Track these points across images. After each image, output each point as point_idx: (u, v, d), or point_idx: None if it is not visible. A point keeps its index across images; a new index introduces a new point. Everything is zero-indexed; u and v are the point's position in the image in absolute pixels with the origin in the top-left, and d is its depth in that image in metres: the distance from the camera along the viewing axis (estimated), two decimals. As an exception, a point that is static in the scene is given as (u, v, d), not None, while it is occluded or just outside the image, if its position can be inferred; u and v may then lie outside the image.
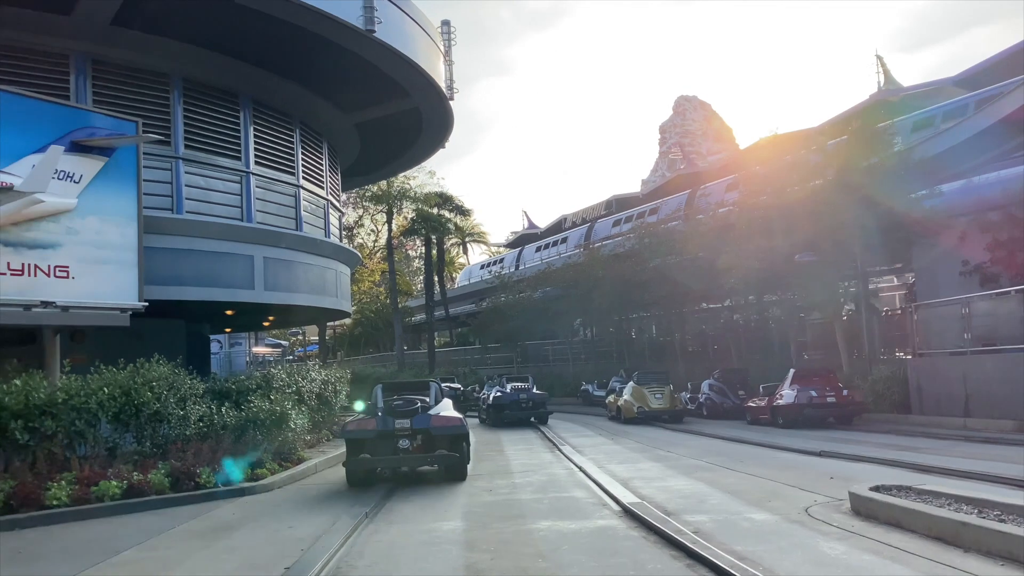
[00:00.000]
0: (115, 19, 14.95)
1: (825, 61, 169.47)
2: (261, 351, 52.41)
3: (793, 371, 20.27)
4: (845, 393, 18.98)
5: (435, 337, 48.07)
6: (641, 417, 22.63)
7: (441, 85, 20.49)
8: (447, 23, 21.99)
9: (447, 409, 12.74)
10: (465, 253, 79.46)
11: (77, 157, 13.08)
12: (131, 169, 13.95)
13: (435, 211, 45.80)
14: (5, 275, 12.08)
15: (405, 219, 48.55)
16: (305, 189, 19.98)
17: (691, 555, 6.30)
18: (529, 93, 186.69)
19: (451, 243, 67.32)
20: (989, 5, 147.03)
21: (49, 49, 15.13)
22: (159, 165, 16.23)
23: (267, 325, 25.00)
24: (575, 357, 38.29)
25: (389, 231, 46.31)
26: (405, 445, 11.49)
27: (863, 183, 20.63)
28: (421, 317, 56.85)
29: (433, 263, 46.67)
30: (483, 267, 60.02)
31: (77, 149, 13.07)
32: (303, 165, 20.02)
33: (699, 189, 35.61)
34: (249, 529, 8.68)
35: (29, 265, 12.40)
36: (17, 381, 11.35)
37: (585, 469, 12.37)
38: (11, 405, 10.97)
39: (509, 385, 26.12)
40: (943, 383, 17.96)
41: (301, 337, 59.33)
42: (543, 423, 24.63)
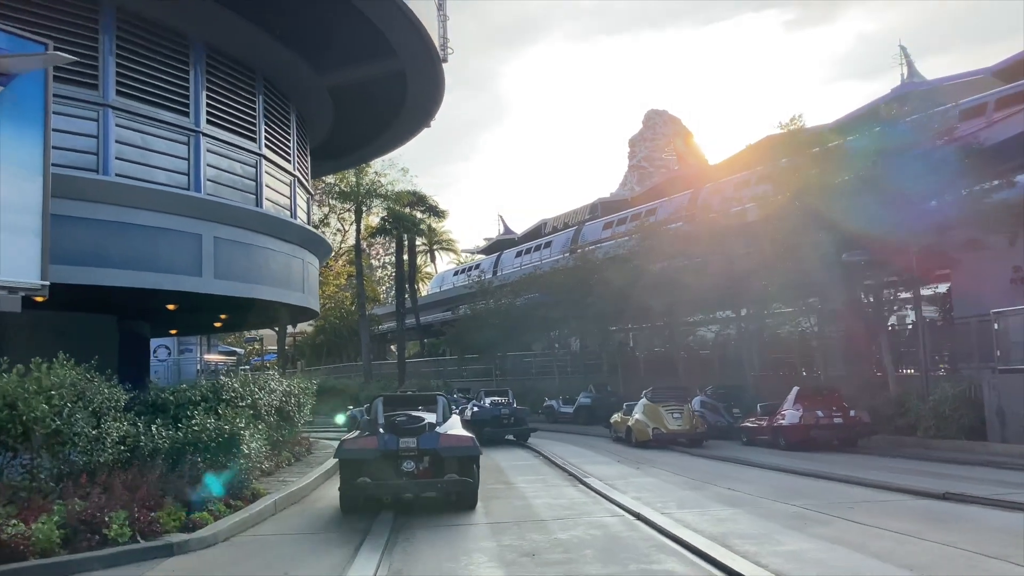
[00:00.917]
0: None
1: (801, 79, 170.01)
2: (214, 359, 48.26)
3: (796, 390, 19.04)
4: (852, 414, 17.90)
5: (405, 347, 44.45)
6: (657, 440, 19.52)
7: (434, 40, 17.25)
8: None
9: (456, 427, 11.28)
10: (433, 261, 76.36)
11: (-48, 80, 9.61)
12: (37, 107, 10.44)
13: (408, 211, 42.45)
14: None
15: (375, 220, 45.09)
16: (268, 160, 16.57)
17: None
18: (497, 106, 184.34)
19: (419, 249, 64.10)
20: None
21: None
22: (82, 113, 12.72)
23: (219, 326, 21.39)
24: (561, 370, 35.08)
25: (358, 231, 42.74)
26: (410, 468, 10.17)
27: (916, 172, 17.85)
28: (389, 326, 53.33)
29: (404, 267, 43.22)
30: (457, 273, 56.77)
31: (-48, 69, 9.59)
32: (267, 131, 16.61)
33: (703, 188, 32.82)
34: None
35: None
36: None
37: (649, 519, 9.12)
38: None
39: (488, 399, 23.38)
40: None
41: (258, 345, 55.26)
42: (524, 440, 22.02)
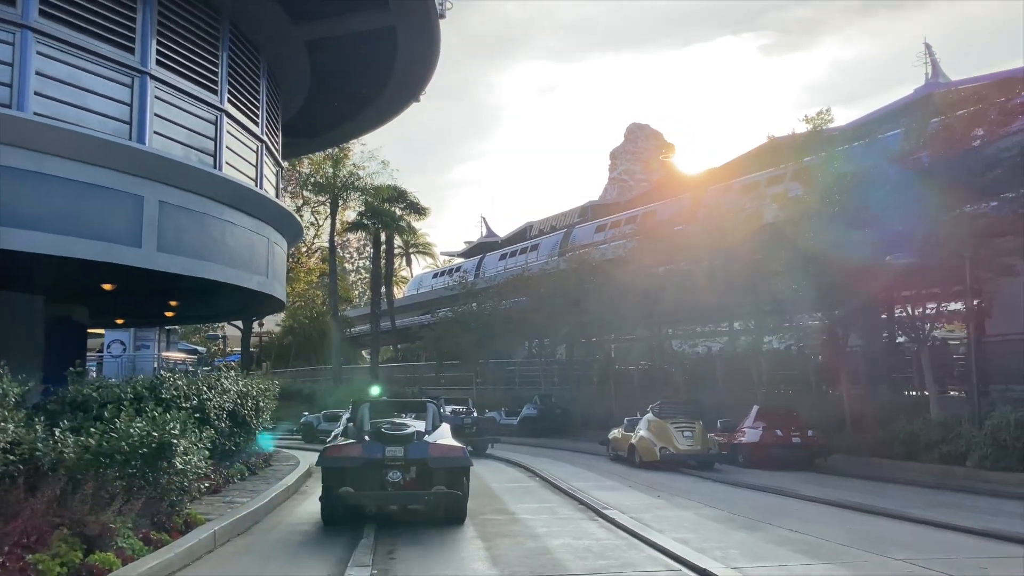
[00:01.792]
0: None
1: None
2: (175, 356, 45.12)
3: (757, 408, 19.12)
4: (810, 434, 18.14)
5: (378, 351, 41.76)
6: (665, 461, 17.52)
7: (433, -10, 14.87)
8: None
9: (446, 436, 10.70)
10: (409, 265, 73.92)
11: None
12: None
13: (387, 206, 39.88)
14: None
15: (351, 216, 42.50)
16: (231, 119, 14.00)
17: None
18: (477, 117, 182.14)
19: (395, 252, 61.54)
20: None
21: None
22: (-8, 33, 10.16)
23: (172, 316, 18.68)
24: (547, 380, 32.62)
25: (332, 225, 40.12)
26: (396, 478, 9.67)
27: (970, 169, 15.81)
28: (362, 328, 50.63)
29: (381, 265, 40.62)
30: (437, 276, 54.21)
31: None
32: (231, 84, 14.05)
33: (706, 190, 30.66)
34: None
35: None
36: None
37: (723, 577, 6.73)
38: None
39: (449, 408, 21.72)
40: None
41: (220, 344, 52.17)
42: (482, 452, 20.48)
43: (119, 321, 21.27)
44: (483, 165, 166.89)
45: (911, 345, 22.18)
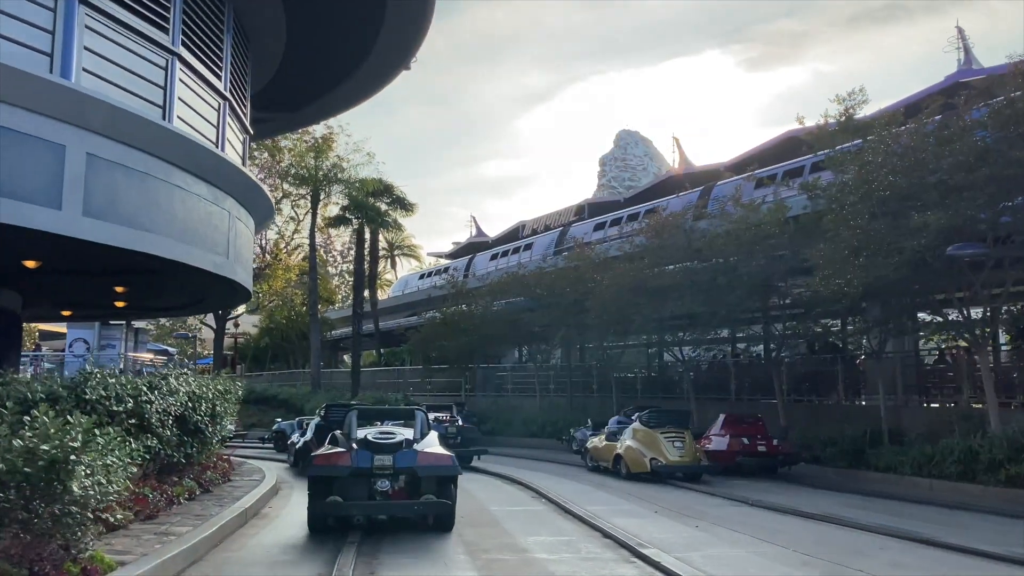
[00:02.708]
0: None
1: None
2: (143, 357, 42.47)
3: (723, 416, 18.91)
4: (775, 443, 18.07)
5: (360, 355, 39.31)
6: (656, 473, 16.60)
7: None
8: None
9: (434, 444, 10.46)
10: (394, 268, 71.62)
11: None
12: None
13: (372, 201, 37.50)
14: None
15: (335, 211, 40.10)
16: (186, 65, 11.69)
17: None
18: (465, 122, 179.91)
19: (380, 254, 59.18)
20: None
21: None
22: None
23: (123, 306, 16.23)
24: (543, 387, 30.30)
25: (313, 220, 37.69)
26: (384, 487, 9.52)
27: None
28: (343, 331, 48.19)
29: (365, 263, 38.22)
30: (423, 276, 51.82)
31: None
32: (187, 24, 11.73)
33: (715, 185, 28.59)
34: None
35: None
36: None
37: None
38: None
39: (432, 415, 18.91)
40: None
41: (192, 344, 49.47)
42: (467, 463, 18.18)
43: (65, 313, 18.78)
44: (471, 172, 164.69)
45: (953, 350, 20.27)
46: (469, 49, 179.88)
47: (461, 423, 19.88)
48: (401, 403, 29.19)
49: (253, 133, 16.84)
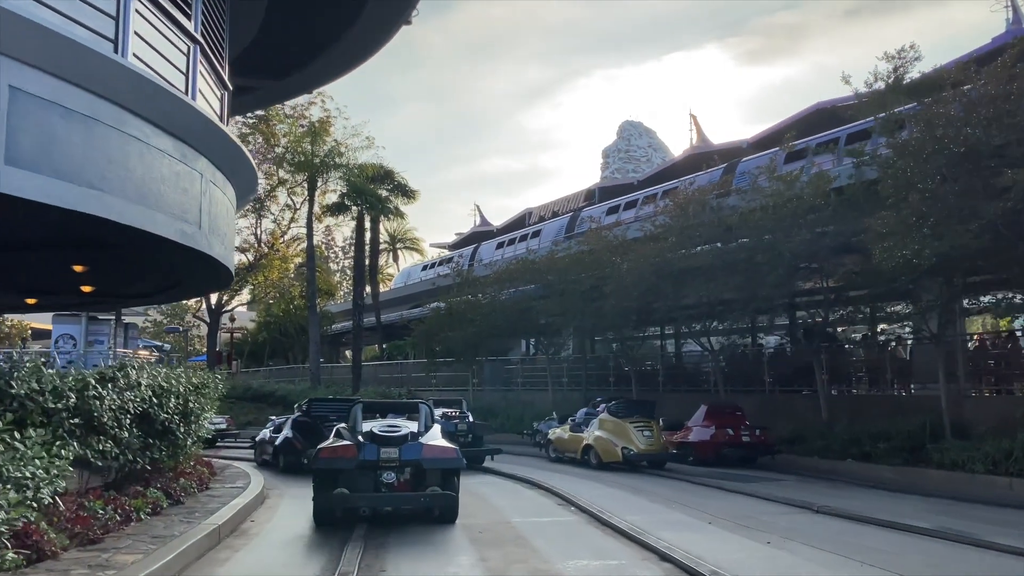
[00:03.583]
0: None
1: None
2: (141, 354, 40.74)
3: (705, 407, 18.97)
4: (758, 432, 18.22)
5: (361, 349, 37.43)
6: (627, 461, 17.27)
7: None
8: None
9: (438, 437, 10.52)
10: (396, 261, 70.00)
11: None
12: None
13: (372, 187, 35.63)
14: None
15: (331, 199, 38.21)
16: (146, -5, 9.80)
17: None
18: (465, 116, 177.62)
19: (381, 248, 57.47)
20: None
21: None
22: None
23: (90, 291, 14.31)
24: (555, 380, 28.40)
25: (310, 207, 35.81)
26: (390, 479, 9.69)
27: None
28: (344, 325, 46.36)
29: (365, 252, 36.34)
30: (426, 268, 49.93)
31: None
32: (146, -53, 9.84)
33: (739, 162, 26.67)
34: None
35: None
36: None
37: None
38: None
39: (439, 411, 17.16)
40: None
41: (183, 339, 47.58)
42: (479, 463, 17.36)
43: (30, 301, 16.90)
44: (472, 168, 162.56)
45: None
46: (468, 46, 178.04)
47: (471, 419, 18.02)
48: (404, 398, 27.38)
49: (233, 90, 14.90)
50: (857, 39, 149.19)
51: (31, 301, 16.74)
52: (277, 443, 17.79)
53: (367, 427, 10.27)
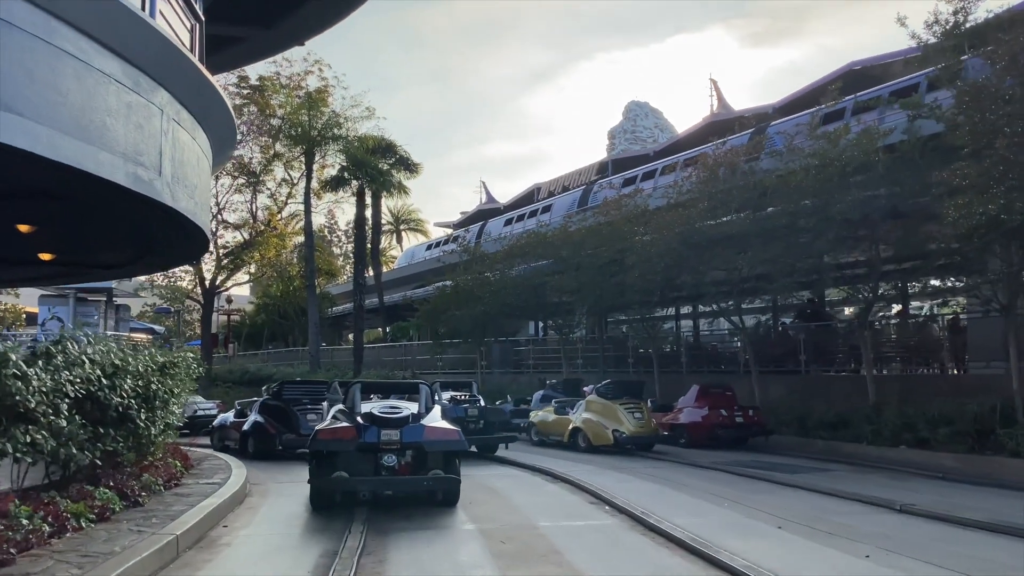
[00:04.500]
0: None
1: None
2: (134, 337, 39.14)
3: (697, 388, 18.37)
4: (751, 413, 17.74)
5: (363, 330, 35.70)
6: (619, 444, 16.54)
7: None
8: None
9: (439, 419, 10.12)
10: (399, 243, 68.37)
11: None
12: None
13: (372, 159, 33.77)
14: None
15: (329, 173, 36.32)
16: None
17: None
18: (469, 100, 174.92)
19: (384, 229, 55.75)
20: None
21: None
22: None
23: (48, 259, 12.53)
24: (570, 362, 26.62)
25: (308, 180, 33.98)
26: (391, 462, 9.34)
27: None
28: (346, 307, 44.66)
29: (367, 229, 34.54)
30: (431, 247, 48.13)
31: None
32: None
33: (768, 125, 24.73)
34: None
35: None
36: None
37: None
38: None
39: (446, 395, 16.48)
40: None
41: (173, 319, 45.84)
42: (492, 452, 15.95)
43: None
44: (475, 152, 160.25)
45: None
46: (471, 29, 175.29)
47: (483, 403, 16.27)
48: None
49: (220, 40, 13.17)
50: (860, 18, 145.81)
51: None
52: (246, 428, 16.65)
53: (366, 408, 9.91)
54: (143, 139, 8.54)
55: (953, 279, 17.79)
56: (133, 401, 8.92)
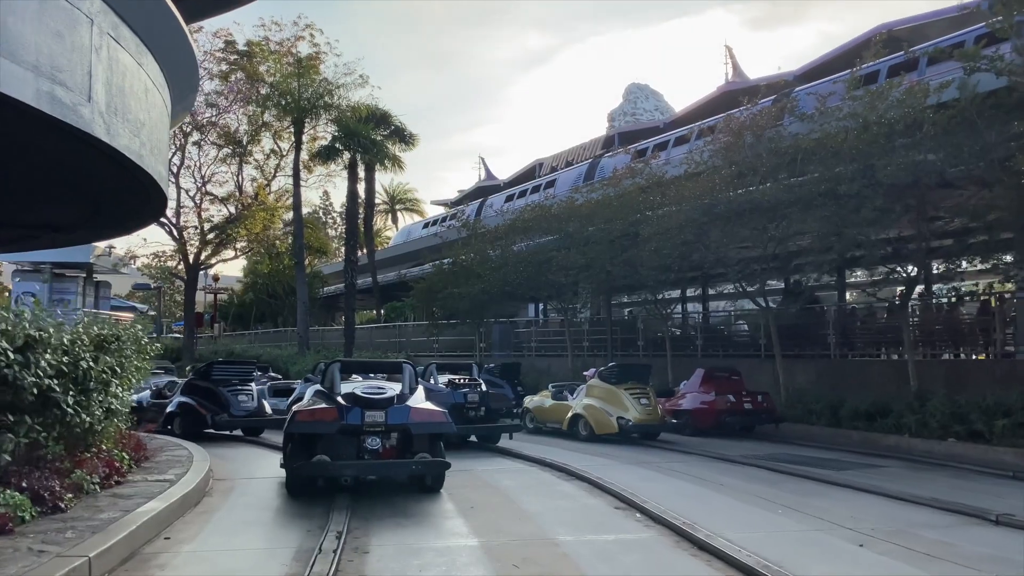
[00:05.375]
0: None
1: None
2: (114, 316, 37.36)
3: (702, 372, 17.28)
4: (760, 399, 16.54)
5: (354, 310, 34.00)
6: (624, 432, 15.18)
7: None
8: None
9: (423, 399, 9.72)
10: (395, 223, 66.80)
11: None
12: None
13: (365, 129, 31.91)
14: None
15: (321, 145, 34.42)
16: None
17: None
18: (466, 83, 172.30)
19: (378, 208, 54.03)
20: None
21: None
22: None
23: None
24: (575, 345, 24.95)
25: (297, 150, 32.14)
26: (375, 445, 8.82)
27: None
28: (337, 287, 42.96)
29: (359, 202, 32.74)
30: (428, 225, 46.38)
31: None
32: None
33: (788, 92, 23.00)
34: None
35: None
36: None
37: None
38: None
39: (444, 379, 14.75)
40: None
41: (154, 295, 44.05)
42: (494, 442, 14.24)
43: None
44: (470, 137, 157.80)
45: None
46: (466, 12, 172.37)
47: (485, 388, 14.50)
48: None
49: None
50: (858, 4, 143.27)
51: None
52: (170, 409, 15.73)
53: (347, 389, 9.31)
54: (64, 52, 6.78)
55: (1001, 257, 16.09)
56: (55, 382, 7.19)
